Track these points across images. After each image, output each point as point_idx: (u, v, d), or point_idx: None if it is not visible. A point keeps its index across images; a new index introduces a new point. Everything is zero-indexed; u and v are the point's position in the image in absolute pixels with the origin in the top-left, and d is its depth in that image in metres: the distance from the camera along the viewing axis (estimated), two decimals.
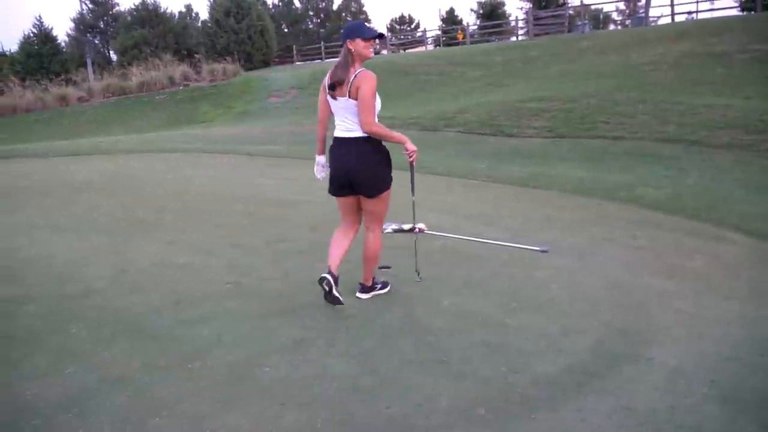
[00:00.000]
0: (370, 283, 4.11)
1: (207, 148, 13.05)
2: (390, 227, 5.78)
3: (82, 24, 42.75)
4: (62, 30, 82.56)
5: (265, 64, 34.75)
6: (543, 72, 18.18)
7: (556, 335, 3.48)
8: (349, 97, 3.61)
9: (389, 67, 22.76)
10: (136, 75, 26.97)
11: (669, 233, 5.72)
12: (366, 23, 3.79)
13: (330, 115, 3.87)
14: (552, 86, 15.58)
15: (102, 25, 44.01)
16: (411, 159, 3.84)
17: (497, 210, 6.70)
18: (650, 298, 4.07)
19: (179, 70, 27.31)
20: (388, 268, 4.58)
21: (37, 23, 37.42)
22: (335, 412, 2.70)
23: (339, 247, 3.92)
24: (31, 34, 37.26)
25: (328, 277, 3.75)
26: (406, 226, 5.75)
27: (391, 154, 3.85)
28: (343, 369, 3.09)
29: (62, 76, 29.18)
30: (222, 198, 7.55)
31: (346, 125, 3.73)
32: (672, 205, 6.68)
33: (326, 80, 3.72)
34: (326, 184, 3.95)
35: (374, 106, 3.61)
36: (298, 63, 38.53)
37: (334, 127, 3.84)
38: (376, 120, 3.66)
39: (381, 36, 3.81)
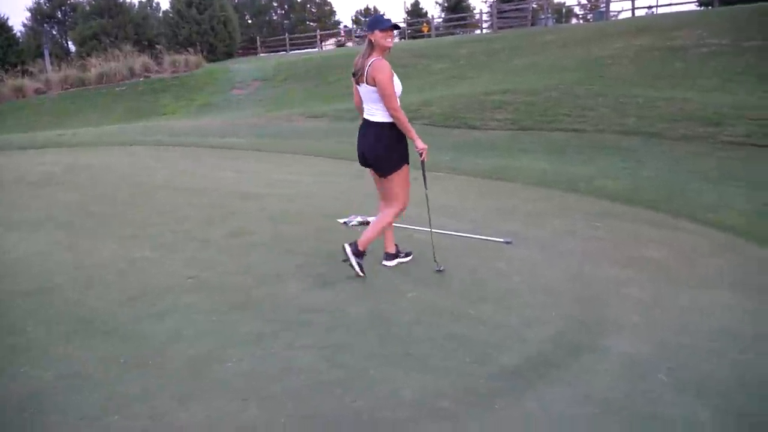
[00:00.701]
0: (362, 249, 4.26)
1: (168, 141, 12.81)
2: (355, 220, 5.77)
3: (38, 14, 41.54)
4: (18, 20, 79.97)
5: (229, 55, 34.26)
6: (506, 65, 18.33)
7: (518, 326, 3.53)
8: (366, 83, 4.07)
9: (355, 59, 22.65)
10: (96, 66, 26.22)
11: (628, 224, 5.83)
12: (384, 15, 4.28)
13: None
14: (515, 79, 15.73)
15: (59, 15, 42.84)
16: (422, 157, 4.22)
17: (461, 202, 6.74)
18: (610, 288, 4.15)
19: (140, 61, 26.66)
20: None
21: None
22: (300, 407, 2.69)
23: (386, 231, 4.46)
24: None
25: (387, 263, 4.50)
26: (372, 219, 5.74)
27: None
28: (309, 362, 3.08)
29: (18, 68, 28.24)
30: (184, 191, 7.43)
31: (368, 109, 4.22)
32: (631, 197, 6.82)
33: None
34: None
35: (394, 92, 4.03)
36: (262, 54, 38.08)
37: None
38: (399, 104, 4.08)
39: (396, 27, 4.16)
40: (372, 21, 4.14)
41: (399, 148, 4.17)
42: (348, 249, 4.24)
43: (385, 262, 4.51)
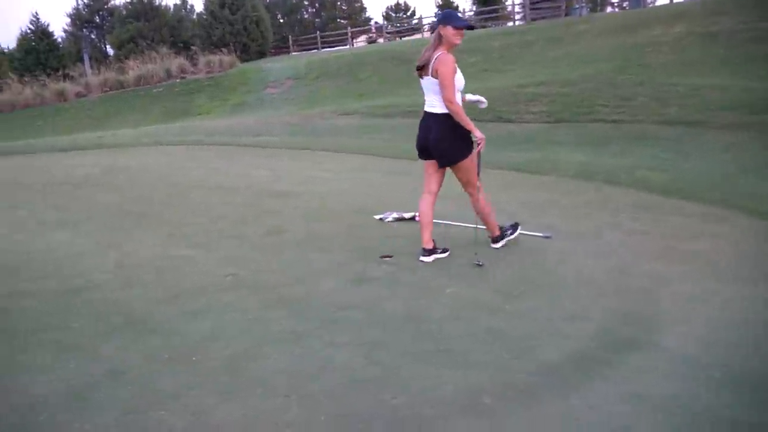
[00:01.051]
0: (498, 233, 4.63)
1: (204, 140, 12.99)
2: (391, 216, 5.74)
3: (77, 19, 42.64)
4: (58, 26, 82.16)
5: (261, 54, 34.56)
6: (541, 56, 18.06)
7: (559, 321, 3.44)
8: (431, 76, 4.16)
9: (386, 55, 22.65)
10: (133, 69, 26.83)
11: (671, 216, 5.66)
12: (458, 13, 4.37)
13: None
14: (550, 70, 15.49)
15: (98, 20, 43.89)
16: (479, 147, 4.32)
17: (497, 196, 6.62)
18: (654, 282, 4.02)
19: (176, 62, 27.14)
20: (390, 257, 4.54)
21: (34, 20, 37.35)
22: (339, 404, 2.66)
23: (425, 220, 4.48)
24: (28, 31, 37.18)
25: (424, 259, 4.42)
26: (407, 215, 5.70)
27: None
28: (345, 360, 3.05)
29: (60, 72, 29.04)
30: (219, 190, 7.50)
31: (429, 101, 4.32)
32: (673, 188, 6.62)
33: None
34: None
35: (454, 85, 4.13)
36: (294, 53, 38.30)
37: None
38: (459, 97, 4.22)
39: (471, 27, 4.39)
40: (447, 15, 4.25)
41: (462, 136, 4.29)
42: (496, 246, 4.65)
43: (422, 258, 4.46)
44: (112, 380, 2.90)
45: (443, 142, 4.28)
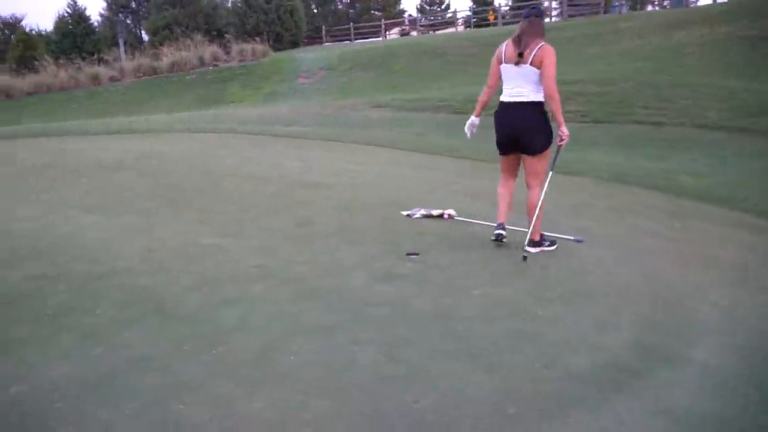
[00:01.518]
0: (538, 238, 4.53)
1: (237, 129, 13.04)
2: (419, 212, 5.68)
3: (114, 4, 43.18)
4: (95, 10, 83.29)
5: (294, 44, 34.63)
6: (578, 54, 17.76)
7: (590, 329, 3.35)
8: (530, 64, 4.21)
9: (419, 49, 22.49)
10: (167, 55, 27.07)
11: (709, 223, 5.51)
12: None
13: (499, 83, 4.49)
14: (587, 69, 15.20)
15: (134, 5, 44.39)
16: (561, 143, 4.41)
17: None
18: (689, 291, 3.91)
19: (209, 50, 27.32)
20: (417, 254, 4.49)
21: (72, 3, 37.94)
22: (363, 403, 2.62)
23: (504, 200, 4.62)
24: (66, 14, 37.78)
25: (501, 232, 4.50)
26: (435, 212, 5.64)
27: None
28: (371, 357, 3.01)
29: (95, 56, 29.46)
30: (250, 179, 7.50)
31: (518, 90, 4.34)
32: (712, 195, 6.46)
33: (504, 50, 4.38)
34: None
35: (555, 76, 4.22)
36: (326, 44, 38.33)
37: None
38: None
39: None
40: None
41: (549, 127, 4.39)
42: (531, 250, 4.44)
43: (496, 232, 4.55)
44: (136, 368, 2.89)
45: (537, 128, 4.36)
